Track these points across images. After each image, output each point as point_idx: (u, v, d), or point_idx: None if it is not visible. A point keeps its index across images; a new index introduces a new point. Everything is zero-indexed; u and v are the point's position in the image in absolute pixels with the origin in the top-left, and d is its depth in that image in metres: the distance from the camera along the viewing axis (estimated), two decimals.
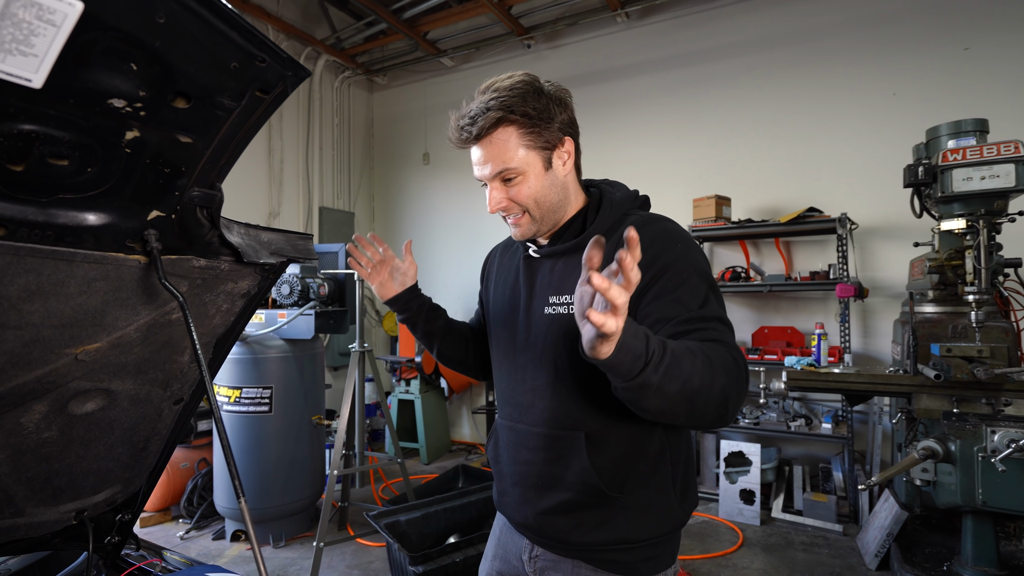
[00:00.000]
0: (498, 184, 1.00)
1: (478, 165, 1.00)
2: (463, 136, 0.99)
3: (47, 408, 0.97)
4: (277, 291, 3.41)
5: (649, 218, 1.03)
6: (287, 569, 3.03)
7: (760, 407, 3.99)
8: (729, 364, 0.83)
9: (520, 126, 0.96)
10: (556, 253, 1.06)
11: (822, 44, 4.10)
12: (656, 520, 1.02)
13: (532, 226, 1.04)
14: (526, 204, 1.01)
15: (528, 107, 0.96)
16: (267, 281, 1.09)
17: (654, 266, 0.93)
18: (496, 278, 1.23)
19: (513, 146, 0.97)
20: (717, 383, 0.80)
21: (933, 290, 2.66)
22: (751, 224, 3.92)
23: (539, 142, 0.98)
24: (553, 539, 1.06)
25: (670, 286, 0.92)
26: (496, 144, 0.97)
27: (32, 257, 0.76)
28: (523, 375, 1.08)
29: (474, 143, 0.99)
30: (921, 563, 2.62)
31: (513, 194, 1.00)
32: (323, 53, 5.28)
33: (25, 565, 1.40)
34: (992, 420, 2.18)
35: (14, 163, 0.67)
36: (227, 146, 0.81)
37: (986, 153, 2.36)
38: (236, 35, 0.67)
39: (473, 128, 0.97)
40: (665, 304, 0.91)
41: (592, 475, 0.98)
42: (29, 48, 0.55)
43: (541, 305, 1.06)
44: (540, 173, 1.00)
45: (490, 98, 0.96)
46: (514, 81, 0.97)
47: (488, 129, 0.96)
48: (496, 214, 1.04)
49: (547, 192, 1.01)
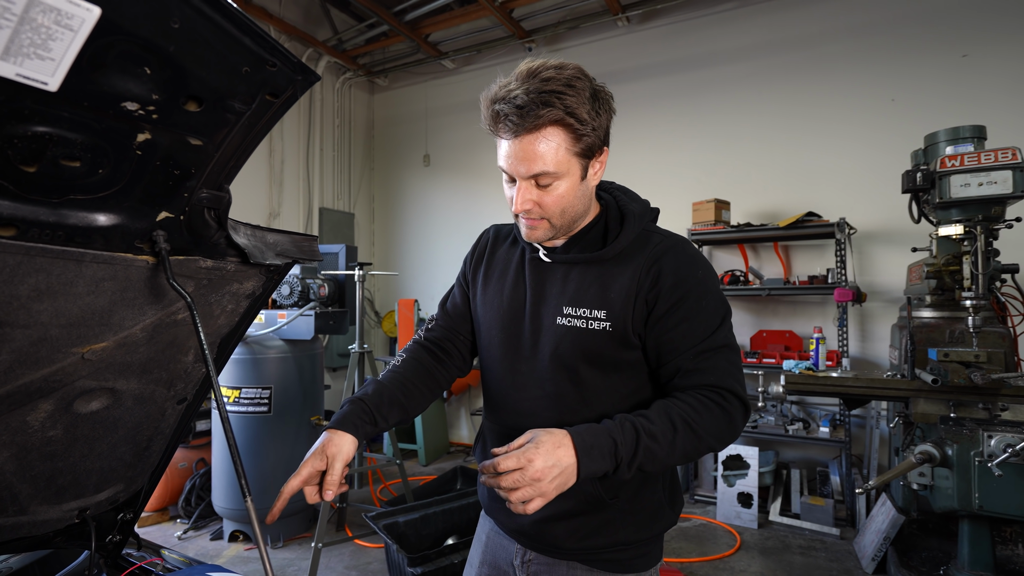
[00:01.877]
0: (530, 185, 0.92)
1: (514, 159, 0.90)
2: (508, 125, 0.87)
3: (53, 407, 0.98)
4: (277, 292, 3.41)
5: (672, 241, 1.01)
6: (285, 570, 3.03)
7: (758, 411, 4.00)
8: (717, 417, 0.91)
9: (571, 131, 0.88)
10: (572, 261, 1.02)
11: (822, 50, 4.13)
12: (650, 522, 1.04)
13: (549, 232, 0.98)
14: (552, 212, 0.94)
15: (584, 110, 0.87)
16: (272, 282, 1.10)
17: (677, 291, 0.95)
18: (492, 271, 1.13)
19: (558, 150, 0.88)
20: (703, 443, 0.90)
21: (931, 295, 2.67)
22: (750, 228, 3.94)
23: (582, 149, 0.91)
24: (548, 545, 1.05)
25: (690, 313, 0.95)
26: (542, 144, 0.87)
27: (42, 257, 0.77)
28: (526, 382, 1.04)
29: (516, 135, 0.88)
30: (918, 567, 2.63)
31: (542, 198, 0.93)
32: (324, 54, 5.29)
33: (25, 564, 1.41)
34: (989, 425, 2.19)
35: (27, 164, 0.68)
36: (236, 149, 0.82)
37: (984, 159, 2.38)
38: (248, 40, 0.68)
39: (523, 121, 0.85)
40: (683, 332, 0.95)
41: (596, 484, 0.98)
42: (46, 52, 0.56)
43: (553, 314, 1.01)
44: (576, 182, 0.93)
45: (544, 90, 0.85)
46: (569, 75, 0.87)
47: (539, 126, 0.86)
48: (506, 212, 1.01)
49: (576, 201, 0.96)
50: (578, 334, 0.98)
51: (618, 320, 0.96)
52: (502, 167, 0.94)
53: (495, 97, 0.88)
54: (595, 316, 0.97)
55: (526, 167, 0.89)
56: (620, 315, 0.96)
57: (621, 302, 0.96)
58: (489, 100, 0.89)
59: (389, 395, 1.06)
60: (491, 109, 0.89)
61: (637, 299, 0.96)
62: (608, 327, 0.96)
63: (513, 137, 0.89)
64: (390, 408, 1.05)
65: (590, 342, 0.97)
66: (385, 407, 1.04)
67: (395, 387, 1.08)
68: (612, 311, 0.96)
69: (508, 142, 0.90)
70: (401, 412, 1.08)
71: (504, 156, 0.92)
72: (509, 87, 0.87)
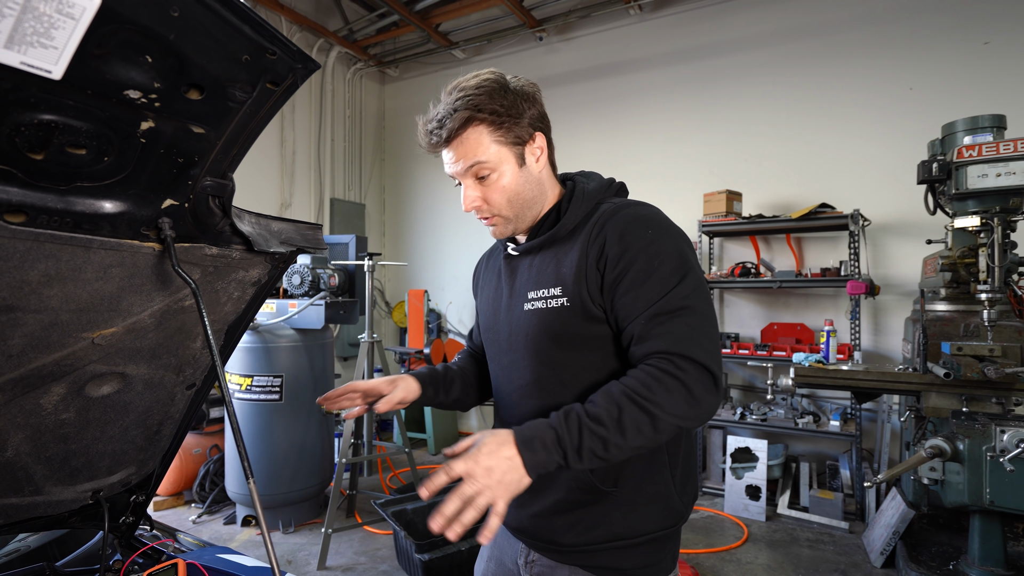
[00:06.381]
0: (472, 182, 0.99)
1: (450, 163, 0.99)
2: (432, 140, 0.97)
3: (65, 390, 1.00)
4: (288, 281, 3.45)
5: (620, 204, 1.01)
6: (296, 554, 3.09)
7: (768, 403, 3.98)
8: (671, 387, 0.84)
9: (489, 124, 0.95)
10: (532, 249, 1.06)
11: (838, 37, 4.05)
12: (653, 514, 0.99)
13: (507, 225, 1.03)
14: (499, 204, 1.00)
15: (495, 104, 0.95)
16: (277, 270, 1.11)
17: (624, 258, 0.93)
18: (483, 284, 1.22)
19: (485, 143, 0.96)
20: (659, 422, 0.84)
21: (945, 288, 2.63)
22: (762, 219, 3.90)
23: (510, 138, 0.97)
24: (548, 542, 1.03)
25: (640, 277, 0.91)
26: (467, 143, 0.96)
27: (51, 243, 0.79)
28: (509, 375, 1.08)
29: (445, 146, 0.97)
30: (927, 562, 2.61)
31: (486, 193, 0.99)
32: (335, 45, 5.30)
33: (43, 543, 1.45)
34: (1002, 420, 2.16)
35: (34, 152, 0.70)
36: (239, 137, 0.83)
37: (1003, 150, 2.33)
38: (248, 28, 0.68)
39: (442, 131, 0.95)
40: (634, 296, 0.92)
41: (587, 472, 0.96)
42: (49, 41, 0.57)
43: (520, 302, 1.05)
44: (515, 170, 0.99)
45: (456, 98, 0.95)
46: (480, 80, 0.97)
47: (457, 130, 0.95)
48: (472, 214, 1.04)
49: (522, 188, 1.00)
50: (542, 315, 1.00)
51: (573, 294, 0.96)
52: (449, 175, 1.02)
53: (425, 121, 0.99)
54: (552, 294, 0.99)
55: (461, 164, 0.97)
56: (574, 289, 0.96)
57: (572, 275, 0.97)
58: (421, 129, 1.00)
59: (457, 378, 1.22)
60: (423, 134, 1.00)
61: (588, 269, 0.96)
62: (565, 302, 0.97)
63: (445, 146, 0.98)
64: (451, 387, 1.21)
65: (553, 321, 0.98)
66: (450, 385, 1.21)
67: (461, 375, 1.24)
68: (566, 286, 0.97)
69: (444, 152, 0.99)
70: (459, 395, 1.22)
71: (445, 165, 1.01)
72: (431, 113, 0.99)
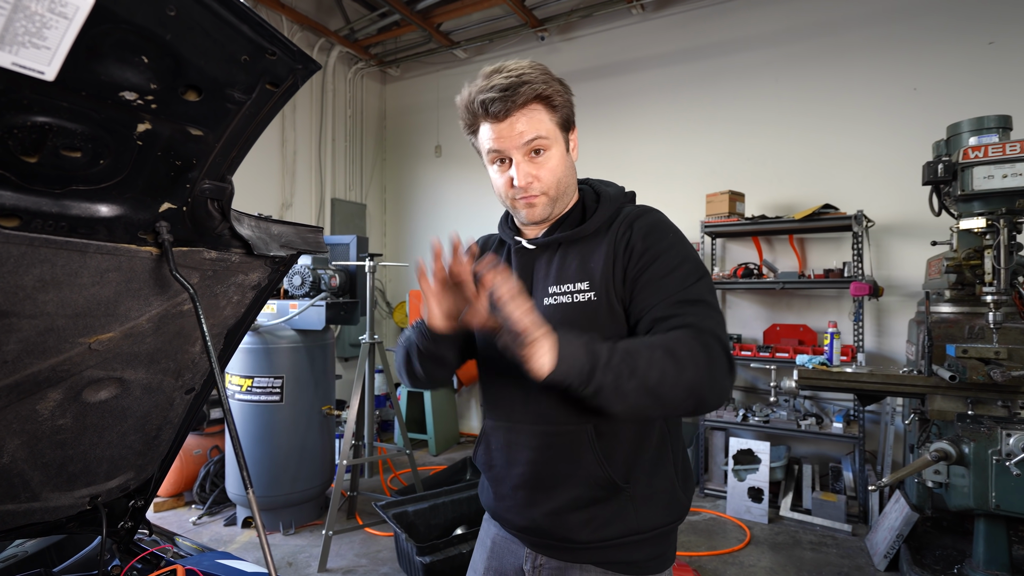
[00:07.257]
0: (525, 157, 0.98)
1: (508, 135, 0.96)
2: (495, 108, 0.95)
3: (62, 396, 0.99)
4: (289, 282, 3.43)
5: (643, 209, 1.06)
6: (296, 556, 3.08)
7: (770, 405, 3.96)
8: (696, 352, 0.84)
9: (551, 103, 0.98)
10: (553, 244, 1.06)
11: (842, 37, 4.03)
12: (662, 509, 1.02)
13: (549, 207, 1.02)
14: (549, 183, 1.00)
15: (552, 88, 0.97)
16: (277, 273, 1.09)
17: (648, 253, 0.97)
18: None
19: (546, 120, 0.98)
20: (684, 374, 0.82)
21: (950, 290, 2.61)
22: (765, 220, 3.88)
23: (561, 121, 1.00)
24: (562, 540, 1.02)
25: (662, 271, 0.95)
26: (533, 116, 0.96)
27: (46, 248, 0.77)
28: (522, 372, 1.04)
29: (506, 117, 0.96)
30: (931, 565, 2.60)
31: (539, 171, 0.99)
32: (336, 44, 5.29)
33: (41, 548, 1.44)
34: (1007, 423, 2.15)
35: (28, 155, 0.68)
36: (238, 139, 0.81)
37: (1008, 151, 2.30)
38: (246, 28, 0.67)
39: (514, 99, 0.94)
40: (656, 287, 0.95)
41: (605, 467, 0.98)
42: (42, 41, 0.56)
43: (540, 297, 1.03)
44: (563, 153, 1.01)
45: (518, 74, 0.95)
46: (532, 64, 0.98)
47: (525, 102, 0.95)
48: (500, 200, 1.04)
49: (565, 174, 1.02)
50: (566, 310, 1.00)
51: (600, 289, 0.98)
52: (494, 150, 0.98)
53: (478, 90, 0.96)
54: (579, 288, 1.00)
55: (522, 136, 0.96)
56: (601, 284, 0.98)
57: (601, 271, 0.99)
58: (468, 98, 0.98)
59: None
60: (474, 102, 0.96)
61: (615, 265, 0.98)
62: (592, 296, 0.99)
63: (505, 116, 0.95)
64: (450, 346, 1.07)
65: (578, 315, 0.98)
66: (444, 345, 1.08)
67: None
68: (594, 281, 0.99)
69: (498, 125, 0.97)
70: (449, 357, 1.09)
71: (495, 139, 0.97)
72: (486, 82, 0.96)
